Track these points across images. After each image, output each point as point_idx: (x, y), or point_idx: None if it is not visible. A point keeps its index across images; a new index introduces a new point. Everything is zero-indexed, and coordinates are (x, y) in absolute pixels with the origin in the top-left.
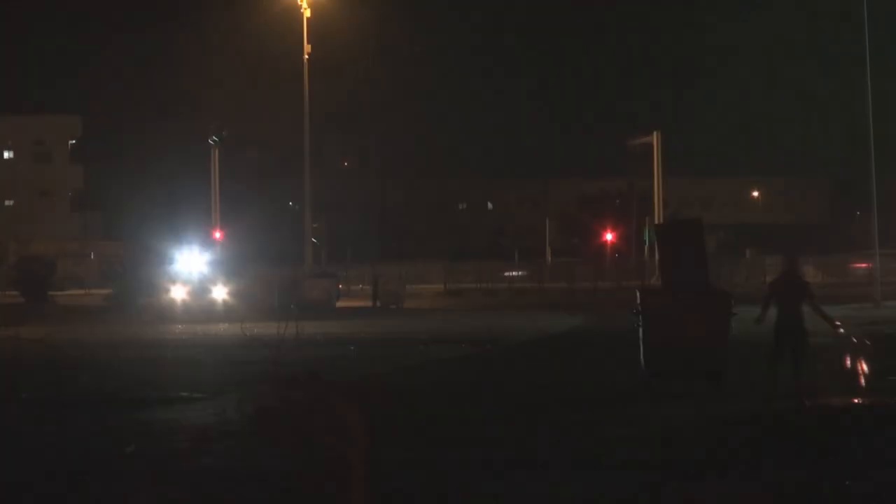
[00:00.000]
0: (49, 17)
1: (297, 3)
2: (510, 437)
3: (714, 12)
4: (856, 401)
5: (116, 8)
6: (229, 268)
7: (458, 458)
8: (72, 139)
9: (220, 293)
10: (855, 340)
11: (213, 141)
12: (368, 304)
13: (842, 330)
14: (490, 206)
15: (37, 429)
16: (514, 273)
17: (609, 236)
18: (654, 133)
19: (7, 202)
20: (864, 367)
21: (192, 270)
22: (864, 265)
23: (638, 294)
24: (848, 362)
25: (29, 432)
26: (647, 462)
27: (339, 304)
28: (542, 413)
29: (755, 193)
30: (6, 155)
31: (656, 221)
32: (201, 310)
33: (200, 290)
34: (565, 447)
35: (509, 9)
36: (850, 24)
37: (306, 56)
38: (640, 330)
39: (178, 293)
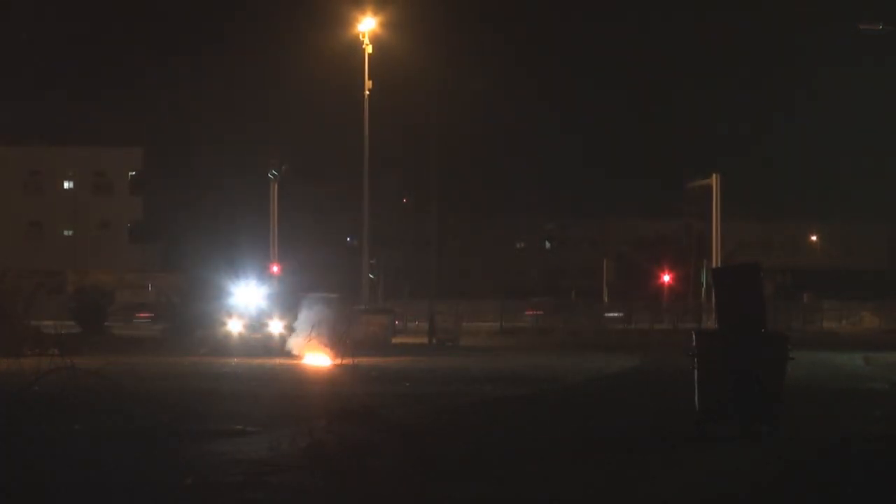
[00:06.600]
0: (113, 50)
1: (359, 38)
2: (567, 478)
3: (782, 57)
4: None
5: (179, 42)
6: (286, 302)
7: (513, 498)
8: (132, 171)
9: (276, 327)
10: None
11: (272, 175)
12: (424, 340)
13: None
14: (548, 245)
15: (93, 461)
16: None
17: (666, 277)
18: (714, 175)
19: (66, 232)
20: None
21: (250, 304)
22: None
23: (694, 336)
24: None
25: (85, 464)
26: None
27: (396, 340)
28: (597, 454)
29: (814, 237)
30: (66, 185)
31: (714, 264)
32: (258, 343)
33: (257, 323)
34: (623, 490)
35: (568, 48)
36: None
37: (367, 91)
38: (696, 372)
39: (235, 326)
